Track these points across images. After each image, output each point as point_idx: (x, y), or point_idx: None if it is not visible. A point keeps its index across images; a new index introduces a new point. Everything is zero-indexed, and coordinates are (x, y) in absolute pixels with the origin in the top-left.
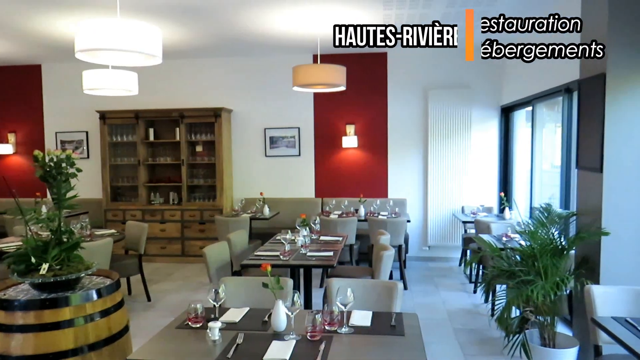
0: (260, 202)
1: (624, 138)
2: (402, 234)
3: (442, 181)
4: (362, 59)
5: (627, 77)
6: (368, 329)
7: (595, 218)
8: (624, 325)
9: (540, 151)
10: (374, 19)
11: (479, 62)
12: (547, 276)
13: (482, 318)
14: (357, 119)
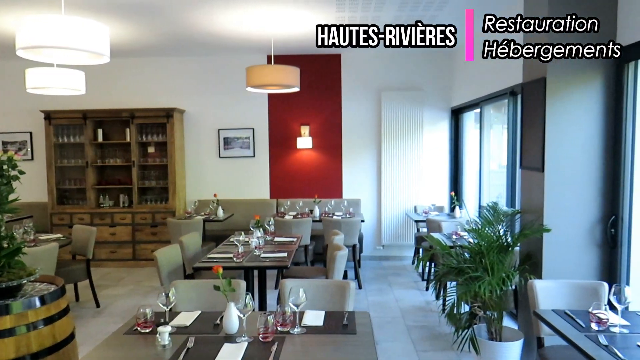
0: (214, 204)
1: (563, 139)
2: (356, 233)
3: (396, 181)
4: (316, 60)
5: (565, 81)
6: (320, 328)
7: (538, 215)
8: (563, 317)
9: (488, 152)
10: (326, 21)
11: (430, 64)
12: (493, 272)
13: (433, 315)
14: (311, 120)
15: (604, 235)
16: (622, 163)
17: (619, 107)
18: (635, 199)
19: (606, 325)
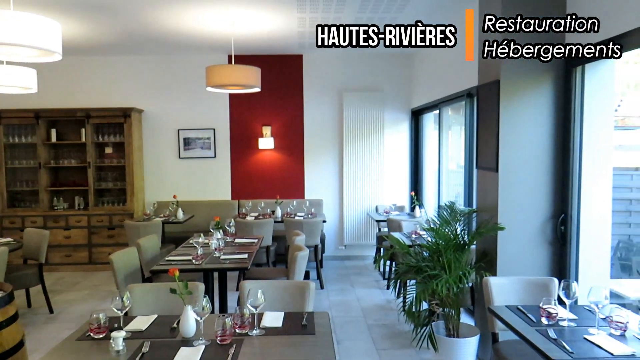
0: (173, 205)
1: (516, 140)
2: (318, 234)
3: (357, 181)
4: (278, 61)
5: (518, 84)
6: (279, 329)
7: (493, 214)
8: (515, 312)
9: (446, 152)
10: (287, 22)
11: (391, 66)
12: (450, 270)
13: (394, 313)
14: (273, 120)
15: (554, 233)
16: (571, 163)
17: (568, 110)
18: (583, 197)
19: (555, 320)
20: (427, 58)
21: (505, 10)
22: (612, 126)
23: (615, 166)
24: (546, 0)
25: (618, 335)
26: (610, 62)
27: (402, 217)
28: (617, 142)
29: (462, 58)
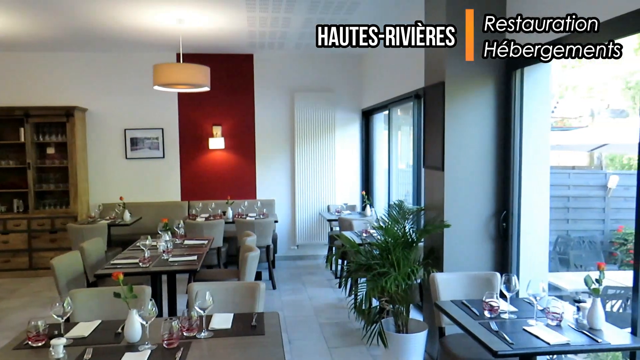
0: (120, 207)
1: (460, 140)
2: (269, 234)
3: (309, 181)
4: (228, 60)
5: (462, 86)
6: (228, 331)
7: (439, 212)
8: (460, 307)
9: (396, 152)
10: (237, 20)
11: (341, 66)
12: (399, 267)
13: (345, 311)
14: (224, 120)
15: (497, 229)
16: (511, 162)
17: (508, 111)
18: (523, 195)
19: (497, 312)
20: (377, 59)
21: (449, 12)
22: (549, 127)
23: (554, 165)
24: (487, 6)
25: (554, 325)
26: (546, 66)
27: (353, 216)
28: (557, 142)
29: (411, 59)
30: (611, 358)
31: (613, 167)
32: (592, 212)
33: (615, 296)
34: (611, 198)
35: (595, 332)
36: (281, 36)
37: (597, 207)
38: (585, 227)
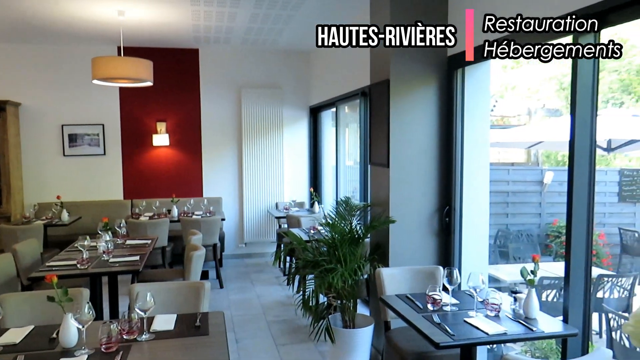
0: (57, 207)
1: (405, 137)
2: (216, 232)
3: (257, 178)
4: (172, 54)
5: (406, 84)
6: (171, 332)
7: (385, 208)
8: (404, 301)
9: (344, 149)
10: (181, 14)
11: (289, 63)
12: (346, 263)
13: (294, 308)
14: (168, 116)
15: (440, 224)
16: (454, 159)
17: (450, 109)
18: (465, 191)
19: (440, 305)
20: (324, 57)
21: (393, 13)
22: (489, 125)
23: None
24: (429, 5)
25: (493, 316)
26: (486, 65)
27: (301, 213)
28: (498, 140)
29: (358, 57)
30: (546, 344)
31: (549, 164)
32: (530, 206)
33: (551, 286)
34: (547, 193)
35: (530, 321)
36: (227, 31)
37: (534, 201)
38: (523, 221)
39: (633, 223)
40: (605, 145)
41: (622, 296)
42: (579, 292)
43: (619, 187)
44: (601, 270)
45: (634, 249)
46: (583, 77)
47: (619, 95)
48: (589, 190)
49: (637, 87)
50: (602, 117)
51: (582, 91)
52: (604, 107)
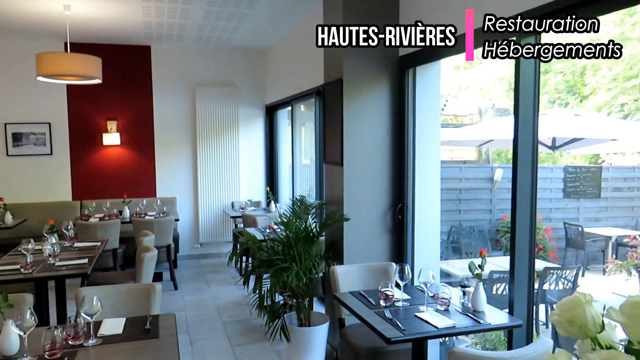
0: (0, 209)
1: (358, 136)
2: (170, 233)
3: (213, 178)
4: (123, 51)
5: (359, 83)
6: (119, 336)
7: (339, 206)
8: (357, 297)
9: (300, 147)
10: (131, 9)
11: (244, 61)
12: (301, 262)
13: (250, 308)
14: (119, 114)
15: (393, 221)
16: (406, 157)
17: (402, 109)
18: (417, 188)
19: (392, 301)
20: (280, 55)
21: (345, 12)
22: (439, 124)
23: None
24: (382, 7)
25: (443, 310)
26: (437, 65)
27: (258, 212)
28: (451, 138)
29: (313, 56)
30: (495, 336)
31: (500, 161)
32: (481, 203)
33: (500, 280)
34: (497, 190)
35: (478, 314)
36: (180, 28)
37: (485, 198)
38: (475, 217)
39: (577, 218)
40: (550, 144)
41: (567, 287)
42: (524, 285)
43: (564, 183)
44: (547, 263)
45: (577, 243)
46: (525, 78)
47: (565, 95)
48: (531, 186)
49: (581, 88)
50: (547, 117)
51: (524, 92)
52: (550, 107)
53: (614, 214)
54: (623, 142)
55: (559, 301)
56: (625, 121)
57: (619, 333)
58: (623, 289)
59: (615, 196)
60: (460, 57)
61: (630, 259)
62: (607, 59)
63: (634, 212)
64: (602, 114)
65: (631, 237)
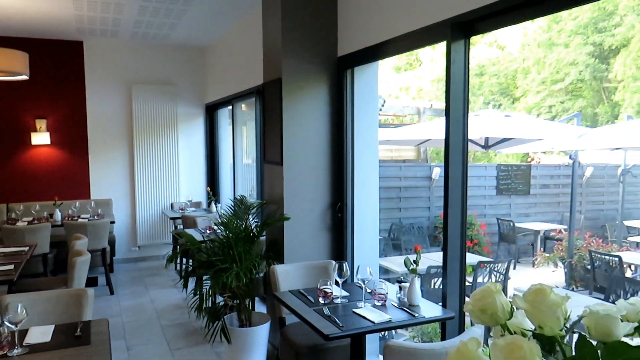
0: None
1: (298, 135)
2: (105, 236)
3: (151, 178)
4: (52, 46)
5: (298, 82)
6: (47, 345)
7: (279, 206)
8: (297, 296)
9: (241, 147)
10: (61, 2)
11: (183, 59)
12: (241, 262)
13: (189, 311)
14: (49, 113)
15: (333, 220)
16: (345, 156)
17: (341, 108)
18: (356, 187)
19: (331, 298)
20: (220, 53)
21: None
22: (377, 123)
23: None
24: (319, 9)
25: (380, 305)
26: (374, 66)
27: (198, 213)
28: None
29: (253, 55)
30: (432, 328)
31: (438, 160)
32: (420, 200)
33: (437, 275)
34: (435, 187)
35: (413, 308)
36: (114, 23)
37: (424, 196)
38: (415, 215)
39: (509, 213)
40: (483, 143)
41: (499, 280)
42: (456, 279)
43: (496, 181)
44: (481, 257)
45: (509, 237)
46: (455, 81)
47: (498, 97)
48: (462, 184)
49: (513, 90)
50: (480, 118)
51: (454, 93)
52: (485, 107)
53: (542, 210)
54: (548, 142)
55: (473, 292)
56: (551, 122)
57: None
58: (550, 280)
59: (543, 193)
60: (399, 59)
61: (556, 251)
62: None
63: (559, 208)
64: (532, 115)
65: (557, 231)
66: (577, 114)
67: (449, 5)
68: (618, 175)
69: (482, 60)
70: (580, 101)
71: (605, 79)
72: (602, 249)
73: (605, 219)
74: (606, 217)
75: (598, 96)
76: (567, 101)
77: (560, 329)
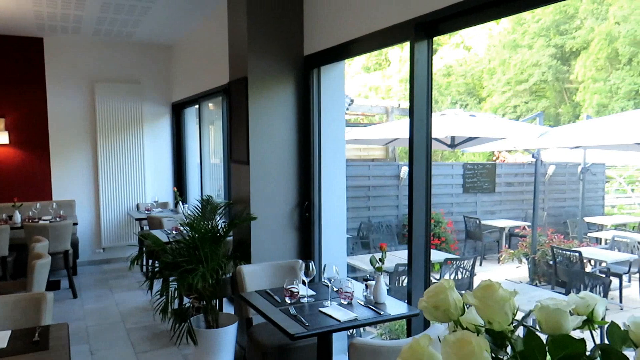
0: None
1: (264, 134)
2: (67, 238)
3: (116, 178)
4: (9, 42)
5: (264, 81)
6: (3, 351)
7: (246, 205)
8: (264, 296)
9: (208, 146)
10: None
11: (148, 58)
12: (207, 263)
13: (154, 313)
14: (7, 111)
15: (300, 219)
16: (312, 156)
17: (308, 108)
18: (323, 186)
19: (297, 298)
20: (186, 52)
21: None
22: (344, 123)
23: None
24: (285, 8)
25: (346, 304)
26: (340, 66)
27: (165, 213)
28: (359, 137)
29: (219, 53)
30: (399, 326)
31: (406, 159)
32: (389, 199)
33: (404, 272)
34: (403, 186)
35: (379, 306)
36: (76, 20)
37: (392, 194)
38: (383, 213)
39: (475, 211)
40: (449, 142)
41: (465, 276)
42: (421, 276)
43: (463, 179)
44: (448, 254)
45: (475, 234)
46: (419, 81)
47: (465, 97)
48: (426, 182)
49: (479, 91)
50: (446, 117)
51: (418, 93)
52: (452, 107)
53: (507, 207)
54: (511, 141)
55: (428, 288)
56: (514, 121)
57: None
58: (514, 275)
59: (508, 190)
60: (368, 59)
61: (520, 247)
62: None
63: (523, 205)
64: (498, 115)
65: (521, 228)
66: (539, 113)
67: (412, 6)
68: (578, 173)
69: (449, 61)
70: (543, 101)
71: (566, 80)
72: (563, 244)
73: (566, 216)
74: (567, 213)
75: (560, 97)
76: (531, 101)
77: (509, 324)
